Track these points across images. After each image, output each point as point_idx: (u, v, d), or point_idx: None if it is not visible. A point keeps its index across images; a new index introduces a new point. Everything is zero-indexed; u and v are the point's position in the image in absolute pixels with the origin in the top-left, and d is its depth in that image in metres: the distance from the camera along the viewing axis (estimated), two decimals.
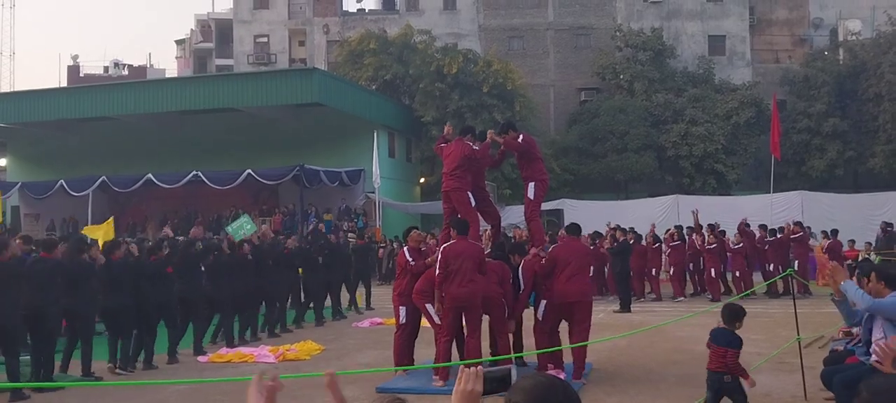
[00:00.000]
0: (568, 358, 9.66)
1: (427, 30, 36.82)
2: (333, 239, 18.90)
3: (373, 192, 28.01)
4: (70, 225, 29.46)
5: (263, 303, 13.79)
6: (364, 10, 45.21)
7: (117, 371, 10.26)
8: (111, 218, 18.66)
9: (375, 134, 27.53)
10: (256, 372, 1.86)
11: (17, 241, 11.81)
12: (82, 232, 17.37)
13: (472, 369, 2.02)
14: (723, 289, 18.71)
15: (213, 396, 8.80)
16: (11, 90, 44.24)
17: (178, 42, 56.20)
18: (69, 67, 55.42)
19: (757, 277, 18.99)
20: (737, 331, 6.82)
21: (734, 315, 6.86)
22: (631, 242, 18.32)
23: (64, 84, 49.21)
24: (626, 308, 16.44)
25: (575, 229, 10.06)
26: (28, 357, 9.55)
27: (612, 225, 19.65)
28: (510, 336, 9.41)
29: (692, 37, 40.95)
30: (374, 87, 34.47)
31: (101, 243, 13.03)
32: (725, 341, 6.74)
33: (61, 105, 30.50)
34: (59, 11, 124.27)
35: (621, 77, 37.76)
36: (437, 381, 8.66)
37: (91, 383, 9.62)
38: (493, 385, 2.00)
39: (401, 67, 34.35)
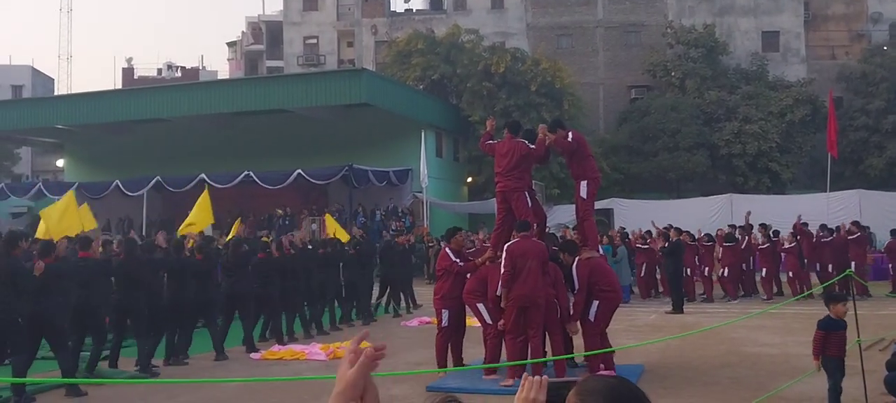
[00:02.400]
0: (621, 360, 9.54)
1: (475, 29, 36.78)
2: (386, 236, 18.99)
3: (420, 192, 28.08)
4: (126, 223, 30.08)
5: (308, 301, 13.94)
6: (412, 10, 45.34)
7: (169, 363, 10.48)
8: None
9: (423, 133, 27.58)
10: (356, 336, 1.82)
11: (63, 241, 12.07)
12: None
13: (538, 377, 1.97)
14: (775, 290, 18.32)
15: (265, 392, 8.90)
16: (68, 93, 45.37)
17: (230, 44, 57.08)
18: (124, 70, 56.60)
19: (814, 279, 18.54)
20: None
21: (830, 298, 7.10)
22: (684, 242, 18.02)
23: (119, 86, 50.30)
24: (678, 309, 16.17)
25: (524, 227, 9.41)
26: (86, 353, 9.79)
27: (661, 225, 19.36)
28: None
29: (745, 33, 40.18)
30: (421, 87, 34.55)
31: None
32: (843, 325, 6.92)
33: (116, 107, 31.20)
34: (113, 15, 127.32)
35: (672, 74, 37.26)
36: (506, 380, 8.54)
37: (147, 380, 9.80)
38: (554, 396, 1.95)
39: (448, 67, 34.37)
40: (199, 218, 15.72)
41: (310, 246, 14.85)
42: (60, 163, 38.04)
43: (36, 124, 32.79)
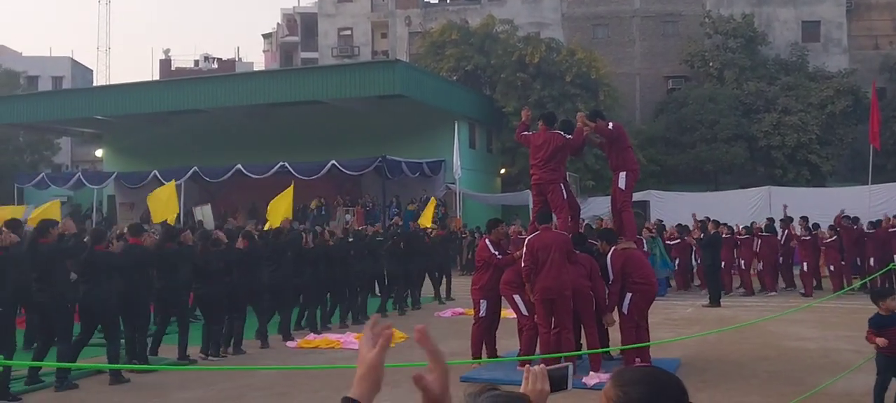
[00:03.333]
0: (657, 353, 9.45)
1: (509, 19, 36.60)
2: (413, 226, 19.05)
3: (454, 183, 28.03)
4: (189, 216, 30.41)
5: (344, 292, 14.02)
6: (446, 0, 45.27)
7: (209, 356, 10.57)
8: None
9: (456, 125, 27.54)
10: (371, 319, 1.81)
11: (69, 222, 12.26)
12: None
13: (537, 368, 2.00)
14: (815, 284, 18.03)
15: (301, 379, 8.99)
16: (107, 84, 46.02)
17: (265, 36, 57.51)
18: (161, 61, 57.28)
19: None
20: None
21: (877, 295, 6.94)
22: (722, 235, 17.80)
23: (156, 78, 50.95)
24: (715, 302, 15.99)
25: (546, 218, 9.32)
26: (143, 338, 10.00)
27: (699, 218, 19.16)
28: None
29: (785, 23, 39.48)
30: (455, 78, 34.49)
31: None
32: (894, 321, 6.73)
33: (154, 98, 31.58)
34: (151, 7, 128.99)
35: (711, 65, 36.79)
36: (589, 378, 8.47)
37: (186, 367, 9.93)
38: (553, 384, 2.00)
39: (482, 58, 34.26)
40: (279, 209, 15.91)
41: (350, 238, 14.97)
42: (99, 153, 38.62)
43: (75, 115, 33.32)
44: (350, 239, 14.84)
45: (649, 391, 1.79)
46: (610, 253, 9.15)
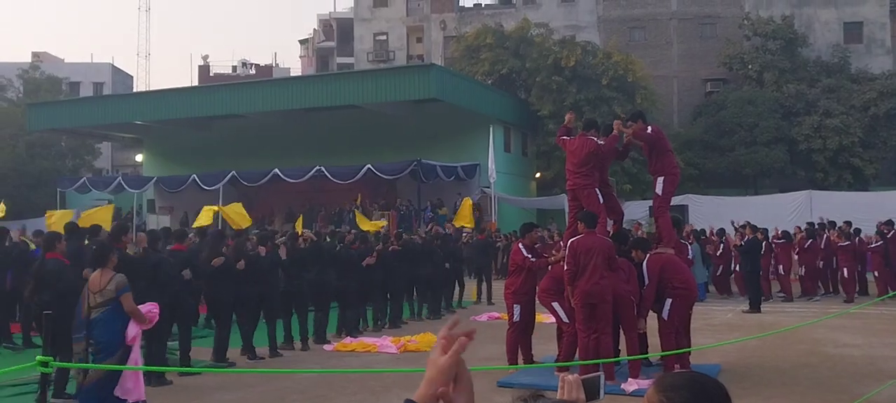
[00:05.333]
0: (696, 359, 9.33)
1: (544, 23, 36.54)
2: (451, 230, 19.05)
3: (488, 187, 27.99)
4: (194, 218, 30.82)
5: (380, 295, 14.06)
6: (480, 4, 45.25)
7: (248, 359, 10.69)
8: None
9: (491, 128, 27.50)
10: (452, 319, 1.80)
11: (141, 235, 12.51)
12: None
13: (571, 377, 2.00)
14: (858, 290, 17.68)
15: (338, 383, 9.04)
16: (147, 89, 46.77)
17: (302, 41, 57.97)
18: (200, 67, 58.00)
19: None
20: None
21: None
22: (761, 240, 17.52)
23: (195, 83, 51.60)
24: (755, 308, 15.75)
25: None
26: (176, 343, 10.10)
27: (739, 223, 18.90)
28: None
29: (826, 24, 38.80)
30: (490, 82, 34.45)
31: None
32: None
33: (193, 103, 32.00)
34: (190, 14, 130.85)
35: (750, 67, 36.33)
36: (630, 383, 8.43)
37: (225, 369, 10.03)
38: (587, 393, 2.02)
39: (517, 61, 34.18)
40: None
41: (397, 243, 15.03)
42: (139, 157, 39.24)
43: (116, 120, 33.86)
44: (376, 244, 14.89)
45: (692, 396, 1.78)
46: (646, 259, 9.07)
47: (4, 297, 11.85)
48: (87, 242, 10.94)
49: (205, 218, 18.38)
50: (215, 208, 19.32)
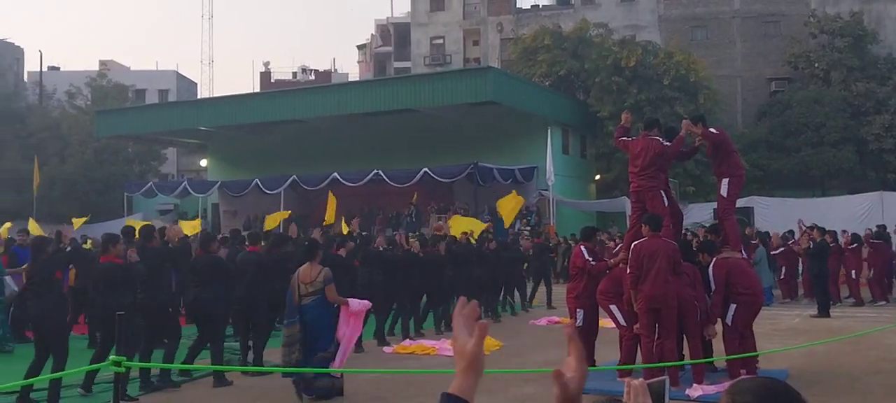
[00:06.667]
0: (763, 364, 9.09)
1: (604, 23, 36.13)
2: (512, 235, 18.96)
3: (546, 190, 27.79)
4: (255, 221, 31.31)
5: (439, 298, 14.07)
6: (538, 6, 45.00)
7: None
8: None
9: (549, 130, 27.30)
10: (459, 301, 1.77)
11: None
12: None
13: (637, 382, 1.98)
14: None
15: (398, 385, 9.08)
16: (210, 96, 47.76)
17: (360, 47, 58.56)
18: (261, 73, 59.03)
19: None
20: None
21: None
22: (829, 243, 17.00)
23: (257, 89, 52.51)
24: (824, 312, 15.28)
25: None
26: (236, 343, 10.28)
27: (805, 225, 18.38)
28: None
29: None
30: (547, 84, 34.23)
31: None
32: None
33: (255, 109, 32.56)
34: (252, 21, 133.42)
35: (816, 65, 35.36)
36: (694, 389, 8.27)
37: (285, 369, 10.11)
38: (655, 396, 2.00)
39: (576, 62, 33.89)
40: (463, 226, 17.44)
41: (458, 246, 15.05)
42: (203, 162, 40.07)
43: (181, 126, 34.69)
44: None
45: (759, 399, 1.75)
46: (712, 264, 8.88)
47: (65, 299, 12.18)
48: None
49: (272, 222, 19.35)
50: (285, 213, 20.31)
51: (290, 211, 24.48)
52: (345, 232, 14.57)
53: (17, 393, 8.03)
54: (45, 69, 49.94)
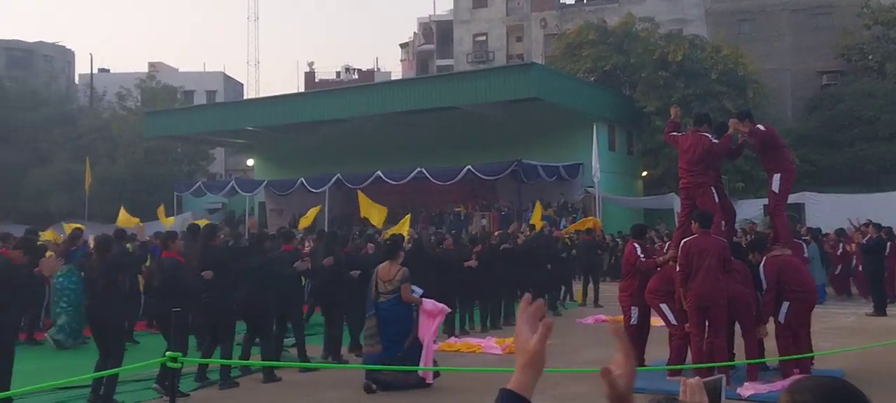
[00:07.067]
0: (817, 364, 8.87)
1: (649, 17, 35.65)
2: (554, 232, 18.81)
3: (592, 187, 27.50)
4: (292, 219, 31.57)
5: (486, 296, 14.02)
6: (582, 1, 44.62)
7: (356, 355, 10.90)
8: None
9: (595, 127, 27.01)
10: (524, 299, 1.75)
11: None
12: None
13: (693, 380, 1.95)
14: None
15: (444, 382, 9.08)
16: (256, 96, 48.32)
17: (402, 45, 58.74)
18: (306, 74, 59.57)
19: None
20: None
21: None
22: (885, 239, 16.52)
23: (301, 89, 53.01)
24: (880, 311, 14.86)
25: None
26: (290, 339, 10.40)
27: (858, 222, 17.89)
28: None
29: None
30: (592, 79, 33.91)
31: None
32: None
33: (299, 109, 32.85)
34: (296, 22, 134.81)
35: (870, 58, 34.50)
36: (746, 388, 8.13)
37: (334, 365, 10.21)
38: (711, 394, 1.98)
39: (621, 57, 33.52)
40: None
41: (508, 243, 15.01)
42: (250, 162, 40.57)
43: (228, 127, 35.15)
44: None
45: (819, 398, 1.71)
46: (763, 262, 8.69)
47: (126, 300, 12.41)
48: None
49: (309, 218, 19.54)
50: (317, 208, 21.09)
51: (319, 207, 24.80)
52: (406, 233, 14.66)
53: (90, 387, 8.18)
54: (95, 71, 51.09)
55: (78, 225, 17.64)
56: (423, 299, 8.94)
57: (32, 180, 37.66)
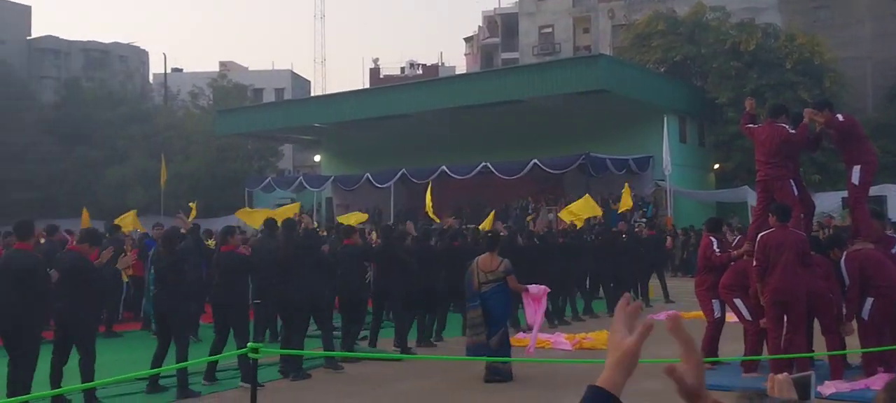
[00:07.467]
0: None
1: (721, 6, 34.77)
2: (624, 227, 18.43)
3: (663, 180, 26.94)
4: (374, 213, 31.83)
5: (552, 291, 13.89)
6: None
7: (421, 344, 11.01)
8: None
9: (665, 119, 26.44)
10: (623, 298, 1.67)
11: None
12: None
13: (781, 376, 1.88)
14: None
15: (516, 372, 9.05)
16: (323, 93, 48.96)
17: (467, 40, 58.68)
18: (371, 70, 60.14)
19: None
20: None
21: None
22: None
23: (367, 85, 53.50)
24: None
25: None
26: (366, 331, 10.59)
27: None
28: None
29: None
30: (662, 70, 33.26)
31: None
32: None
33: (365, 105, 33.11)
34: (361, 19, 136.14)
35: None
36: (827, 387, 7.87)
37: (401, 356, 10.23)
38: (800, 391, 1.90)
39: (692, 47, 32.79)
40: (582, 210, 17.80)
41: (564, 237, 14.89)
42: (317, 158, 41.15)
43: (295, 123, 35.72)
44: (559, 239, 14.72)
45: None
46: (843, 258, 8.34)
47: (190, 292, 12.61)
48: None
49: (354, 217, 19.74)
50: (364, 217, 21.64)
51: (361, 212, 25.18)
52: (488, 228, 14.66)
53: (147, 380, 8.38)
54: (168, 71, 52.49)
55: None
56: (528, 286, 9.29)
57: (111, 176, 38.94)
